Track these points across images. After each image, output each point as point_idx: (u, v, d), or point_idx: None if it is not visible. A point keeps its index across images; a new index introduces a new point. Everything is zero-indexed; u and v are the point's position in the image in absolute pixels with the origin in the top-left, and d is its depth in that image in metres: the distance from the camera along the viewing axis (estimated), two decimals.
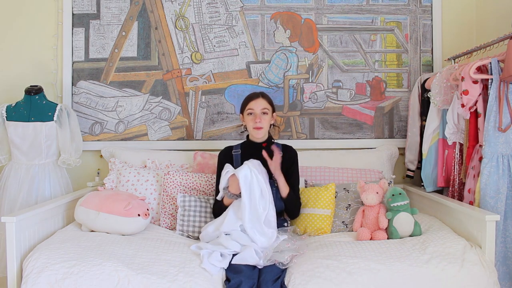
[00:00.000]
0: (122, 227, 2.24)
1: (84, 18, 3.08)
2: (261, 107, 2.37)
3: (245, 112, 2.41)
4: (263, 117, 2.37)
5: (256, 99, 2.39)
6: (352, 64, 3.12)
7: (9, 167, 2.79)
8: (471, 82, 2.29)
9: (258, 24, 3.11)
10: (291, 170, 2.41)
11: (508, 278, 2.23)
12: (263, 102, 2.39)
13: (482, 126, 2.31)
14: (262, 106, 2.38)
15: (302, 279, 1.89)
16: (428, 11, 3.11)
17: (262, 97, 2.41)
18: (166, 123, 3.10)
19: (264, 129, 2.39)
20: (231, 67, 3.10)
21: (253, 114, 2.37)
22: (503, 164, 2.23)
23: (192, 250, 2.09)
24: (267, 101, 2.41)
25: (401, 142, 3.07)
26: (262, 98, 2.40)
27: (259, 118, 2.36)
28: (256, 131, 2.38)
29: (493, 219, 2.01)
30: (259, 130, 2.37)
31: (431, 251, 2.00)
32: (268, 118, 2.40)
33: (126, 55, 3.10)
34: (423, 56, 3.12)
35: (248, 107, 2.39)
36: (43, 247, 1.99)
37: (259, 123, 2.36)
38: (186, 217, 2.39)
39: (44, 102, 2.82)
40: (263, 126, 2.37)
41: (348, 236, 2.34)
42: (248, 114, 2.39)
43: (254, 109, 2.37)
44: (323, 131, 3.12)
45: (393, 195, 2.30)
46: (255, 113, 2.37)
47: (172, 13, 3.09)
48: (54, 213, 2.34)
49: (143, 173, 2.68)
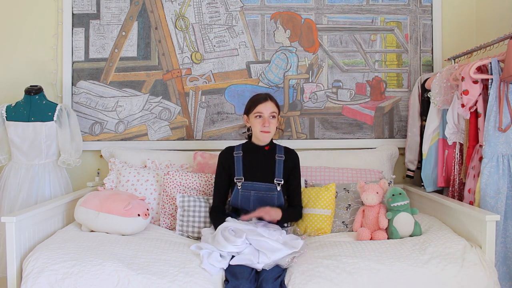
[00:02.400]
0: (122, 227, 2.24)
1: (84, 18, 3.08)
2: (270, 111, 2.33)
3: (252, 115, 2.35)
4: (271, 121, 2.33)
5: (264, 102, 2.34)
6: (352, 64, 3.12)
7: (9, 167, 2.79)
8: (471, 82, 2.29)
9: (258, 24, 3.11)
10: (293, 175, 2.40)
11: (508, 278, 2.23)
12: (272, 106, 2.35)
13: (482, 126, 2.31)
14: (271, 110, 2.33)
15: (302, 279, 1.89)
16: (428, 11, 3.11)
17: (270, 100, 2.36)
18: (166, 123, 3.10)
19: (271, 133, 2.36)
20: (231, 67, 3.10)
21: (262, 118, 2.33)
22: (503, 164, 2.23)
23: (192, 250, 2.09)
24: (275, 104, 2.37)
25: (401, 142, 3.07)
26: (271, 101, 2.36)
27: (267, 122, 2.32)
28: (264, 135, 2.34)
29: (493, 219, 2.01)
30: (266, 134, 2.34)
31: (431, 251, 2.00)
32: (275, 122, 2.36)
33: (126, 55, 3.10)
34: (423, 56, 3.12)
35: (256, 110, 2.34)
36: (43, 247, 1.99)
37: (268, 127, 2.32)
38: (186, 217, 2.39)
39: (44, 102, 2.82)
40: (270, 130, 2.34)
41: (348, 236, 2.34)
42: (256, 117, 2.34)
43: (263, 112, 2.32)
44: (323, 131, 3.12)
45: (393, 195, 2.30)
46: (263, 117, 2.32)
47: (172, 13, 3.09)
48: (54, 213, 2.34)
49: (143, 173, 2.68)
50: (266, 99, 2.36)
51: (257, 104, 2.35)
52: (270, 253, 1.98)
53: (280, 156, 2.40)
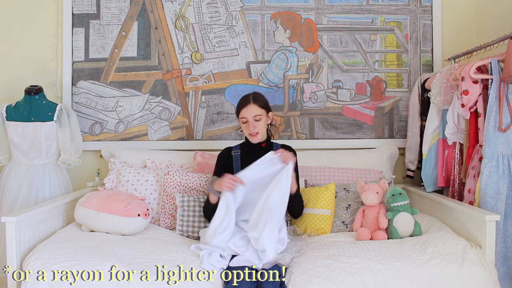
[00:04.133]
0: (122, 227, 2.24)
1: (84, 18, 3.08)
2: (253, 114, 2.30)
3: (239, 119, 2.37)
4: (256, 123, 2.31)
5: (247, 105, 2.31)
6: (352, 64, 3.12)
7: (9, 167, 2.79)
8: (471, 82, 2.29)
9: (258, 24, 3.11)
10: None
11: (508, 278, 2.23)
12: (255, 108, 2.30)
13: (482, 126, 2.31)
14: (254, 113, 2.30)
15: (302, 279, 1.90)
16: (428, 11, 3.11)
17: (253, 102, 2.31)
18: (166, 123, 3.10)
19: (260, 133, 2.34)
20: (231, 67, 3.10)
21: (247, 123, 2.32)
22: (503, 164, 2.23)
23: (192, 250, 2.09)
24: (259, 106, 2.32)
25: (401, 142, 3.07)
26: (253, 104, 2.31)
27: (252, 126, 2.30)
28: (252, 137, 2.34)
29: (493, 219, 2.01)
30: (254, 137, 2.34)
31: (431, 251, 2.00)
32: (262, 122, 2.33)
33: (126, 55, 3.10)
34: (423, 56, 3.12)
35: (241, 116, 2.33)
36: (43, 247, 1.99)
37: (253, 129, 2.31)
38: (186, 217, 2.39)
39: (44, 102, 2.82)
40: (259, 131, 2.33)
41: (348, 236, 2.34)
42: (242, 122, 2.35)
43: (246, 117, 2.31)
44: (323, 131, 3.12)
45: (393, 195, 2.30)
46: (248, 122, 2.31)
47: (172, 13, 3.09)
48: (54, 213, 2.34)
49: (143, 173, 2.68)
50: (249, 101, 2.32)
51: (240, 109, 2.34)
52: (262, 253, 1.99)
53: None
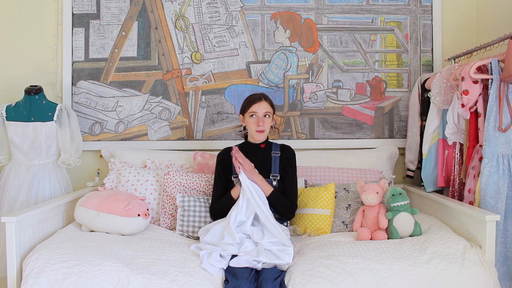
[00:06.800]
0: (122, 227, 2.24)
1: (84, 18, 3.08)
2: (264, 111, 2.37)
3: (247, 114, 2.39)
4: (265, 120, 2.37)
5: (259, 102, 2.38)
6: (352, 64, 3.12)
7: (9, 167, 2.79)
8: (471, 82, 2.29)
9: (258, 24, 3.11)
10: (286, 170, 2.40)
11: (508, 278, 2.23)
12: (266, 106, 2.39)
13: (482, 126, 2.31)
14: (265, 109, 2.37)
15: (302, 279, 1.89)
16: (428, 11, 3.11)
17: (264, 99, 2.40)
18: (166, 123, 3.10)
19: (265, 131, 2.40)
20: (231, 67, 3.10)
21: (256, 117, 2.37)
22: (503, 164, 2.23)
23: (191, 250, 2.09)
24: (269, 104, 2.41)
25: (401, 142, 3.07)
26: (265, 101, 2.40)
27: (261, 122, 2.36)
28: (258, 134, 2.38)
29: (493, 219, 2.01)
30: (261, 133, 2.38)
31: (431, 251, 2.00)
32: (269, 121, 2.41)
33: (126, 55, 3.10)
34: (423, 56, 3.12)
35: (251, 110, 2.38)
36: (43, 247, 1.99)
37: (262, 126, 2.36)
38: (186, 217, 2.39)
39: (44, 102, 2.82)
40: (265, 129, 2.39)
41: (348, 236, 2.34)
42: (250, 116, 2.38)
43: (257, 112, 2.36)
44: (323, 131, 3.12)
45: (393, 195, 2.30)
46: (258, 116, 2.37)
47: (172, 13, 3.09)
48: (54, 213, 2.34)
49: (143, 173, 2.68)
50: (261, 99, 2.40)
51: (252, 103, 2.38)
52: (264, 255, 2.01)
53: (276, 152, 2.43)
